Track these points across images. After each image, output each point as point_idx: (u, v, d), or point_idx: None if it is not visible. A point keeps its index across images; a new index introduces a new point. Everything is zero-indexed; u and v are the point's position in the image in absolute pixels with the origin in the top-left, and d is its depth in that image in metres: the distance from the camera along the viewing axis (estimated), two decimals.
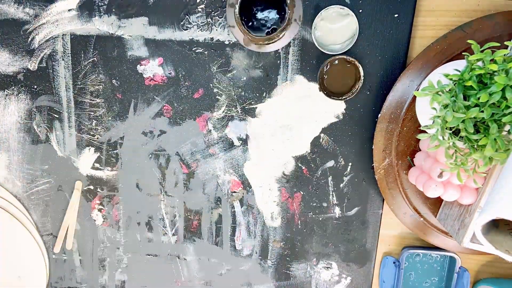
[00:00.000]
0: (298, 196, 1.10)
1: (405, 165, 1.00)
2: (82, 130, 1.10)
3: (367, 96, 1.02)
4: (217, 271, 1.18)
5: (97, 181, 1.14)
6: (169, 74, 1.06)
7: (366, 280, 1.14)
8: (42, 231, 1.17)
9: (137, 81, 1.07)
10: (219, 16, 1.02)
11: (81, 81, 1.08)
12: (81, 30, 1.05)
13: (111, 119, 1.09)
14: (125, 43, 1.05)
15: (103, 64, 1.07)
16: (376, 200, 1.08)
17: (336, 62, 0.98)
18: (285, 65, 1.03)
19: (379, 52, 0.99)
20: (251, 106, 1.06)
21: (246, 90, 1.06)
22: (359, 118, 1.04)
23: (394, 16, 0.97)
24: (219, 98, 1.07)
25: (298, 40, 1.01)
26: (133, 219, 1.15)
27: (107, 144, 1.11)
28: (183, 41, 1.04)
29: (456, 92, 0.75)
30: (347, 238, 1.11)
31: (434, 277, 1.10)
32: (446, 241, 1.03)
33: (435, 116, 0.77)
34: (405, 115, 0.96)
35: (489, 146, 0.73)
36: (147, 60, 1.06)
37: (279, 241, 1.13)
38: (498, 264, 1.09)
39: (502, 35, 0.90)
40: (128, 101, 1.08)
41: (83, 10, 1.04)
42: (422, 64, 0.93)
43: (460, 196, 0.87)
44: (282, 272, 1.16)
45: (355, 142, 1.05)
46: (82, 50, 1.06)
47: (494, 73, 0.73)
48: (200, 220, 1.14)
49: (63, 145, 1.12)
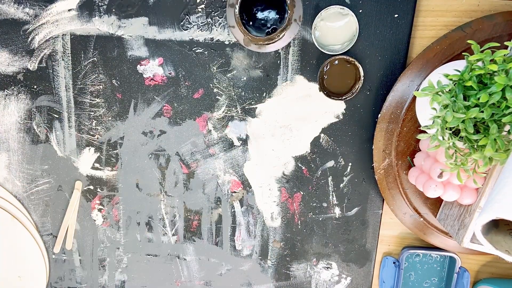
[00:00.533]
0: (298, 196, 1.10)
1: (405, 165, 1.00)
2: (82, 130, 1.10)
3: (367, 96, 1.02)
4: (217, 271, 1.18)
5: (97, 181, 1.14)
6: (169, 74, 1.06)
7: (366, 280, 1.14)
8: (42, 231, 1.17)
9: (137, 81, 1.07)
10: (219, 16, 1.02)
11: (81, 81, 1.08)
12: (81, 30, 1.05)
13: (111, 119, 1.10)
14: (125, 43, 1.05)
15: (103, 64, 1.07)
16: (376, 200, 1.08)
17: (336, 62, 0.98)
18: (285, 65, 1.03)
19: (379, 52, 0.99)
20: (251, 106, 1.06)
21: (246, 90, 1.06)
22: (359, 118, 1.04)
23: (394, 16, 0.97)
24: (219, 98, 1.07)
25: (298, 40, 1.01)
26: (133, 219, 1.15)
27: (107, 144, 1.11)
28: (183, 41, 1.04)
29: (456, 92, 0.75)
30: (347, 238, 1.11)
31: (434, 277, 1.10)
32: (446, 241, 1.03)
33: (435, 116, 0.77)
34: (405, 115, 0.96)
35: (489, 146, 0.73)
36: (147, 60, 1.06)
37: (279, 241, 1.13)
38: (498, 264, 1.09)
39: (502, 35, 0.90)
40: (128, 101, 1.08)
41: (83, 10, 1.04)
42: (422, 64, 0.93)
43: (460, 196, 0.87)
44: (282, 272, 1.16)
45: (355, 142, 1.05)
46: (82, 50, 1.06)
47: (494, 73, 0.73)
48: (200, 220, 1.14)
49: (63, 145, 1.12)
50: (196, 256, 1.17)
